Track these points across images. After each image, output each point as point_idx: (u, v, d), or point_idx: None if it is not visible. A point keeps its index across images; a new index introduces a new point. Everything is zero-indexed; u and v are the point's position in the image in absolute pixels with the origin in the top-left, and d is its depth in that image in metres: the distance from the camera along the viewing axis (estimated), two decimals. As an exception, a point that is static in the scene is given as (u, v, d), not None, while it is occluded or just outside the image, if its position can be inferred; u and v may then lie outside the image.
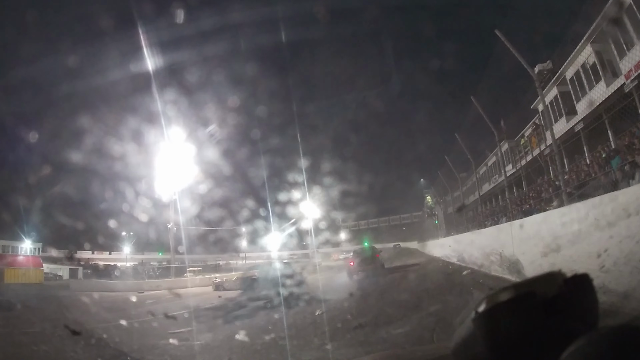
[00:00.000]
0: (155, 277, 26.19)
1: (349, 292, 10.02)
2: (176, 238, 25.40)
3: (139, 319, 8.52)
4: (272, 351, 4.79)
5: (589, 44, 11.49)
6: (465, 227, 18.44)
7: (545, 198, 11.63)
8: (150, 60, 18.11)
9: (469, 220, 19.66)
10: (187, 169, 24.93)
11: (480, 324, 0.72)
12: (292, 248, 39.38)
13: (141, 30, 18.21)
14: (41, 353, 5.35)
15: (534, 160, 15.72)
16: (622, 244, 4.13)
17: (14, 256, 28.98)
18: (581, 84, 12.35)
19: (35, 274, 25.31)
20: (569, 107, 13.23)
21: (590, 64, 11.74)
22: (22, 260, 28.05)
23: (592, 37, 11.23)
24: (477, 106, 11.47)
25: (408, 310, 6.00)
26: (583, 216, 5.04)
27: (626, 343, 0.58)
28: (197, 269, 27.14)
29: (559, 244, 5.50)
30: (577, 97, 12.71)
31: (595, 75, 11.63)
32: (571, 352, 0.62)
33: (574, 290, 0.68)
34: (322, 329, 5.59)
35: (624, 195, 4.36)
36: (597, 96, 11.25)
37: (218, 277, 20.51)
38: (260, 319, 7.37)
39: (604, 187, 7.52)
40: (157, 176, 24.12)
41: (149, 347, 5.46)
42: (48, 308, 11.61)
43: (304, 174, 30.55)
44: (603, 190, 6.87)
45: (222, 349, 5.32)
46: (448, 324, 4.26)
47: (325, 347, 4.60)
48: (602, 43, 11.18)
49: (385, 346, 4.17)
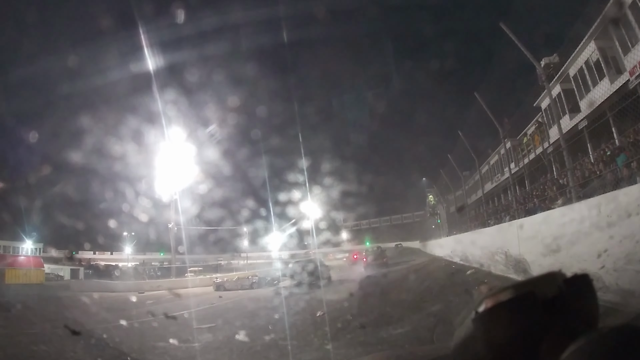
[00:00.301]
0: (156, 277, 26.33)
1: (352, 290, 10.26)
2: (177, 238, 25.53)
3: (139, 319, 8.56)
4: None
5: (593, 40, 11.44)
6: (468, 226, 18.43)
7: (549, 196, 11.59)
8: (151, 60, 18.20)
9: (471, 220, 19.64)
10: (188, 169, 25.02)
11: (480, 324, 0.72)
12: (292, 248, 39.42)
13: (142, 30, 18.31)
14: (41, 353, 5.38)
15: (536, 158, 15.67)
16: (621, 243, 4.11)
17: (15, 257, 29.12)
18: (585, 81, 12.31)
19: (36, 275, 25.45)
20: (572, 105, 13.18)
21: (593, 61, 11.69)
22: (23, 261, 28.21)
23: (596, 34, 11.18)
24: (481, 102, 11.38)
25: (411, 311, 5.99)
26: (587, 215, 5.01)
27: (626, 343, 0.58)
28: (198, 269, 27.26)
29: (572, 240, 5.42)
30: (580, 95, 12.67)
31: (599, 72, 11.58)
32: (571, 352, 0.62)
33: (574, 290, 0.68)
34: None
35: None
36: (600, 93, 11.21)
37: (219, 277, 20.60)
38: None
39: (610, 185, 7.48)
40: (158, 176, 24.23)
41: (148, 348, 5.50)
42: (48, 308, 11.68)
43: (305, 174, 30.50)
44: (609, 187, 6.85)
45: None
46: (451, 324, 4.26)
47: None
48: (606, 40, 11.13)
49: (386, 347, 4.19)
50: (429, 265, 15.86)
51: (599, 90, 11.34)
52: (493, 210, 19.11)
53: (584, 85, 12.36)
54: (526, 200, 14.07)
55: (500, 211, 16.96)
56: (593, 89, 11.77)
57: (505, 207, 17.31)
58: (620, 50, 10.59)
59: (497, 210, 18.67)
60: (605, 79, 11.22)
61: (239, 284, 17.44)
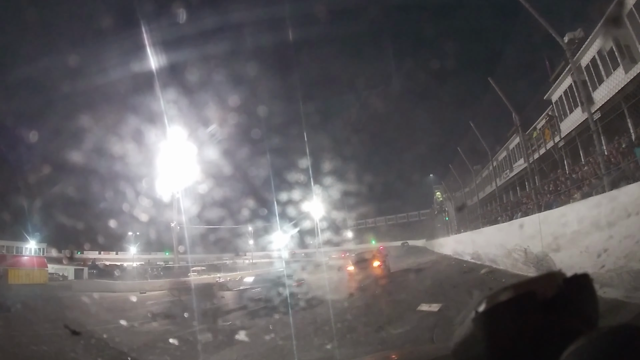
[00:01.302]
0: (159, 276, 26.66)
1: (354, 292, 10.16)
2: (181, 237, 25.80)
3: (138, 319, 8.67)
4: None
5: (606, 28, 11.21)
6: (480, 222, 18.23)
7: (564, 191, 11.37)
8: (156, 59, 18.33)
9: (482, 216, 19.46)
10: (192, 168, 25.22)
11: (480, 324, 0.73)
12: (295, 247, 39.66)
13: (144, 29, 18.45)
14: (41, 353, 5.48)
15: (546, 154, 15.48)
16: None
17: (18, 257, 29.57)
18: (598, 71, 12.09)
19: (39, 275, 25.79)
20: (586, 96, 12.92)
21: (607, 50, 11.47)
22: (26, 261, 28.63)
23: (610, 20, 10.93)
24: (495, 87, 10.91)
25: (424, 318, 5.41)
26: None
27: (626, 343, 0.59)
28: (202, 269, 27.52)
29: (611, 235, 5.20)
30: (593, 85, 12.45)
31: (612, 61, 11.37)
32: (571, 352, 0.63)
33: (574, 290, 0.69)
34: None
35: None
36: (615, 84, 10.99)
37: (221, 276, 20.79)
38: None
39: (631, 177, 7.26)
40: (163, 176, 24.46)
41: (148, 348, 5.60)
42: (47, 308, 11.88)
43: (309, 173, 30.49)
44: (631, 180, 6.64)
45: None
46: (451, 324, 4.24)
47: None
48: (621, 28, 10.89)
49: (386, 347, 4.21)
50: (438, 264, 15.67)
51: (613, 81, 11.14)
52: (503, 207, 18.94)
53: (597, 75, 12.13)
54: (539, 196, 13.90)
55: (513, 207, 16.76)
56: (607, 79, 11.56)
57: (515, 204, 17.15)
58: (635, 38, 10.38)
59: (506, 207, 18.53)
60: (619, 69, 11.01)
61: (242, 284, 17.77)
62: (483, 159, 18.34)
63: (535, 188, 13.51)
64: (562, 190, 11.76)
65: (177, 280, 21.81)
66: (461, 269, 11.85)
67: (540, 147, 16.18)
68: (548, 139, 15.46)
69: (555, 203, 10.65)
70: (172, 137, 24.03)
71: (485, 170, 21.16)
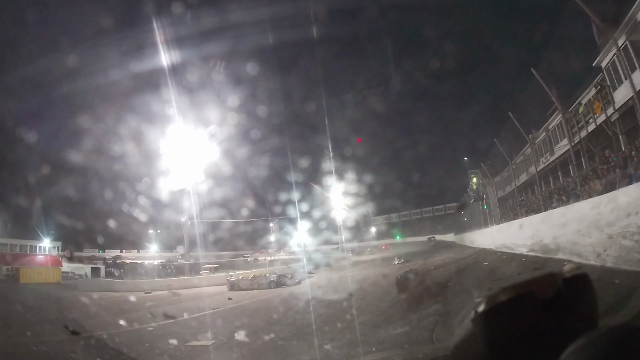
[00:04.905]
0: (172, 275, 27.81)
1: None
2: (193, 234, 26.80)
3: (137, 320, 8.96)
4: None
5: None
6: (537, 205, 16.38)
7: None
8: (178, 54, 19.04)
9: (531, 202, 18.25)
10: (214, 165, 26.20)
11: (480, 324, 0.76)
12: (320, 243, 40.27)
13: (148, 28, 19.02)
14: (41, 353, 5.72)
15: (597, 129, 14.65)
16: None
17: (31, 255, 31.10)
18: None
19: (53, 274, 26.48)
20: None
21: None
22: (40, 260, 30.33)
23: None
24: (537, 78, 10.44)
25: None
26: None
27: (626, 342, 0.61)
28: (214, 266, 28.07)
29: None
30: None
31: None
32: (571, 351, 0.65)
33: (574, 290, 0.71)
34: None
35: None
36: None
37: (234, 275, 20.16)
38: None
39: None
40: (184, 173, 25.47)
41: (148, 348, 5.83)
42: (47, 308, 12.36)
43: (332, 167, 30.77)
44: None
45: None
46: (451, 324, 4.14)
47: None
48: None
49: (386, 347, 4.30)
50: (482, 260, 14.08)
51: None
52: (557, 189, 17.67)
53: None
54: (589, 177, 13.03)
55: (565, 190, 15.69)
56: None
57: (562, 187, 16.33)
58: None
59: (550, 192, 17.69)
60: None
61: (255, 283, 17.16)
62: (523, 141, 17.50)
63: (591, 164, 12.17)
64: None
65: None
66: (525, 265, 9.81)
67: (590, 123, 15.35)
68: (599, 112, 14.60)
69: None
70: (196, 132, 24.89)
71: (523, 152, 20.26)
